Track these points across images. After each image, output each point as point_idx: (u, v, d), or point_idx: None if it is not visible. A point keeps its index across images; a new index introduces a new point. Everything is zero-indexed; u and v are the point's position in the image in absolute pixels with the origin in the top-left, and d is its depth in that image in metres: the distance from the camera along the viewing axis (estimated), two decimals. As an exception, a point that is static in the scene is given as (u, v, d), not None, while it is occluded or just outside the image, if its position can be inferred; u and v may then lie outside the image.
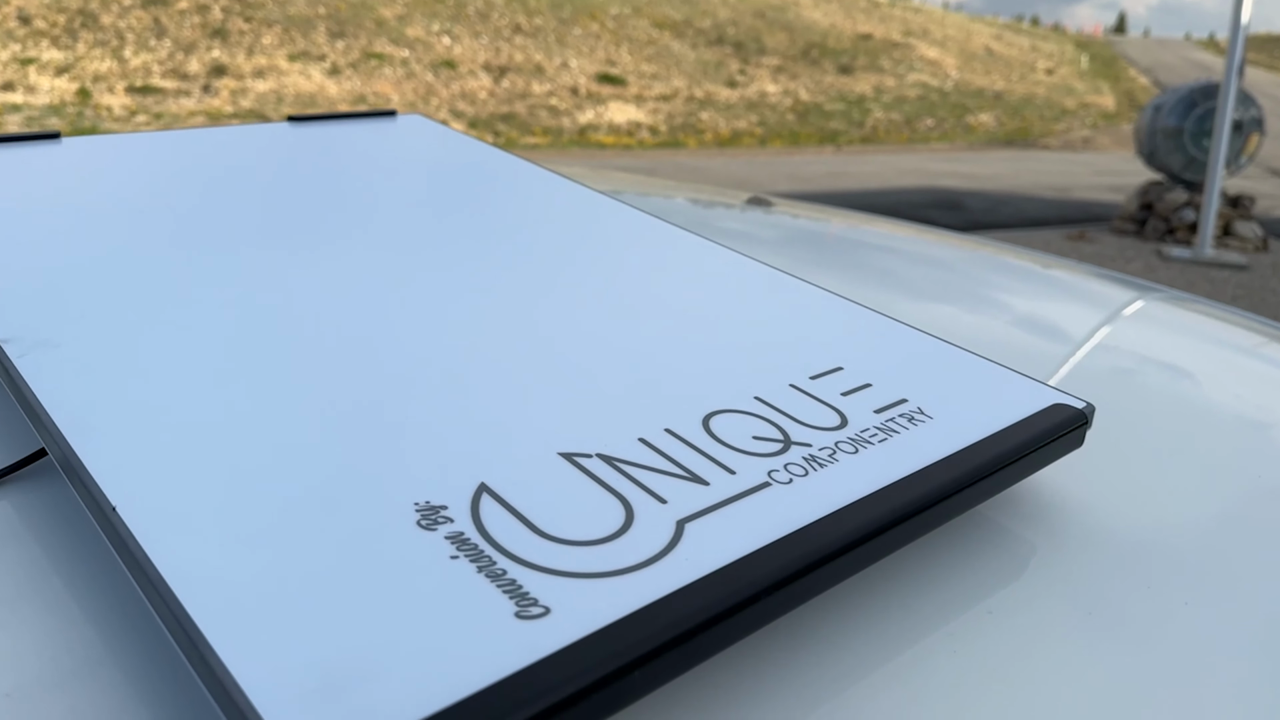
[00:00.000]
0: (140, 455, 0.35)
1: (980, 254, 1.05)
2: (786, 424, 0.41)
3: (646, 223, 0.62)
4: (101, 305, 0.45)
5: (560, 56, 21.25)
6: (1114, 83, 35.87)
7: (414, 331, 0.45)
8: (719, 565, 0.32)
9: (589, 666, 0.27)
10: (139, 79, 16.37)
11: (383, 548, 0.31)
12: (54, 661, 0.31)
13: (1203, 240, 8.50)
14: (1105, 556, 0.43)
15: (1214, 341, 0.83)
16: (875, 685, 0.34)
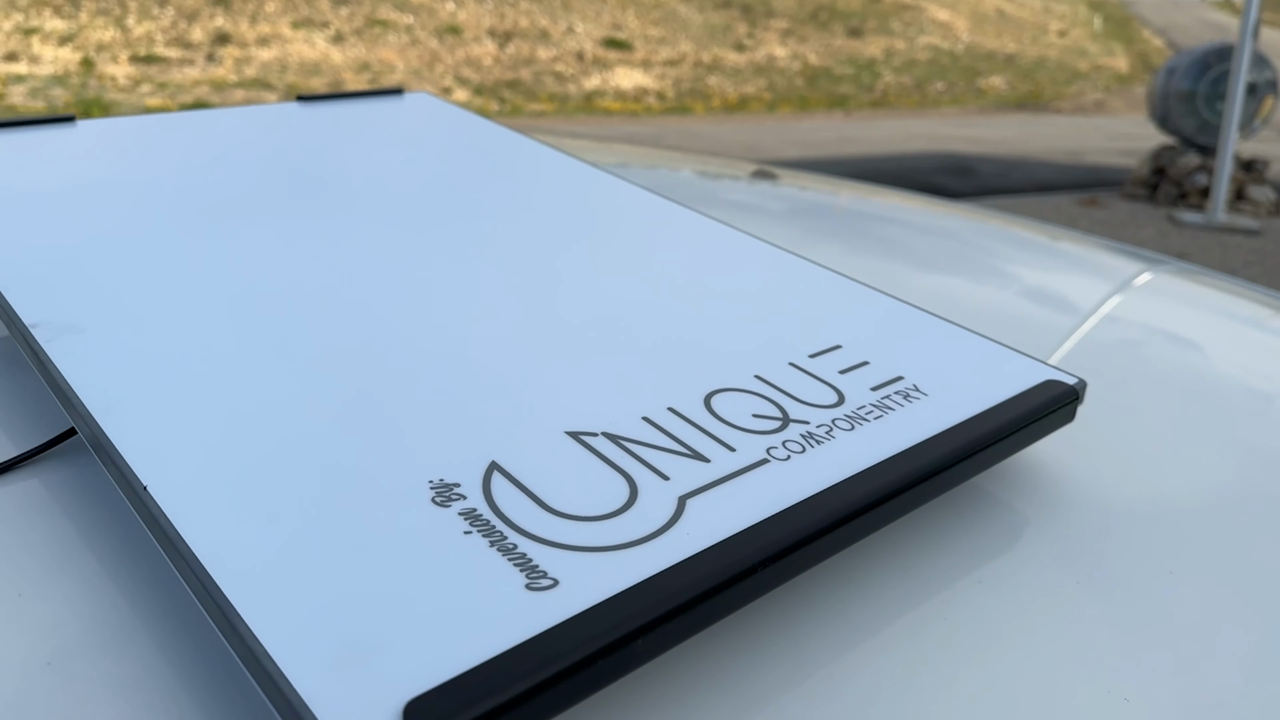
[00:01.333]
0: (167, 435, 0.36)
1: (986, 226, 1.06)
2: (785, 402, 0.43)
3: (651, 201, 0.64)
4: (126, 289, 0.46)
5: (566, 21, 21.02)
6: (1127, 44, 35.35)
7: (425, 313, 0.47)
8: (718, 539, 0.34)
9: (596, 635, 0.29)
10: (142, 48, 16.27)
11: (400, 524, 0.33)
12: (90, 631, 0.33)
13: (1215, 205, 8.44)
14: (1096, 527, 0.45)
15: (1216, 313, 0.84)
16: (871, 652, 0.36)
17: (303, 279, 0.49)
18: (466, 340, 0.44)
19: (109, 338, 0.42)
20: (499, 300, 0.49)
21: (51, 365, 0.40)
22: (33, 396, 0.48)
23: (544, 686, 0.27)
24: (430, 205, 0.61)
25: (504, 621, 0.29)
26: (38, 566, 0.37)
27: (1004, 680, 0.35)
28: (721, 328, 0.49)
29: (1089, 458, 0.50)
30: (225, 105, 6.28)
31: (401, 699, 0.26)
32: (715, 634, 0.36)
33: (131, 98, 14.20)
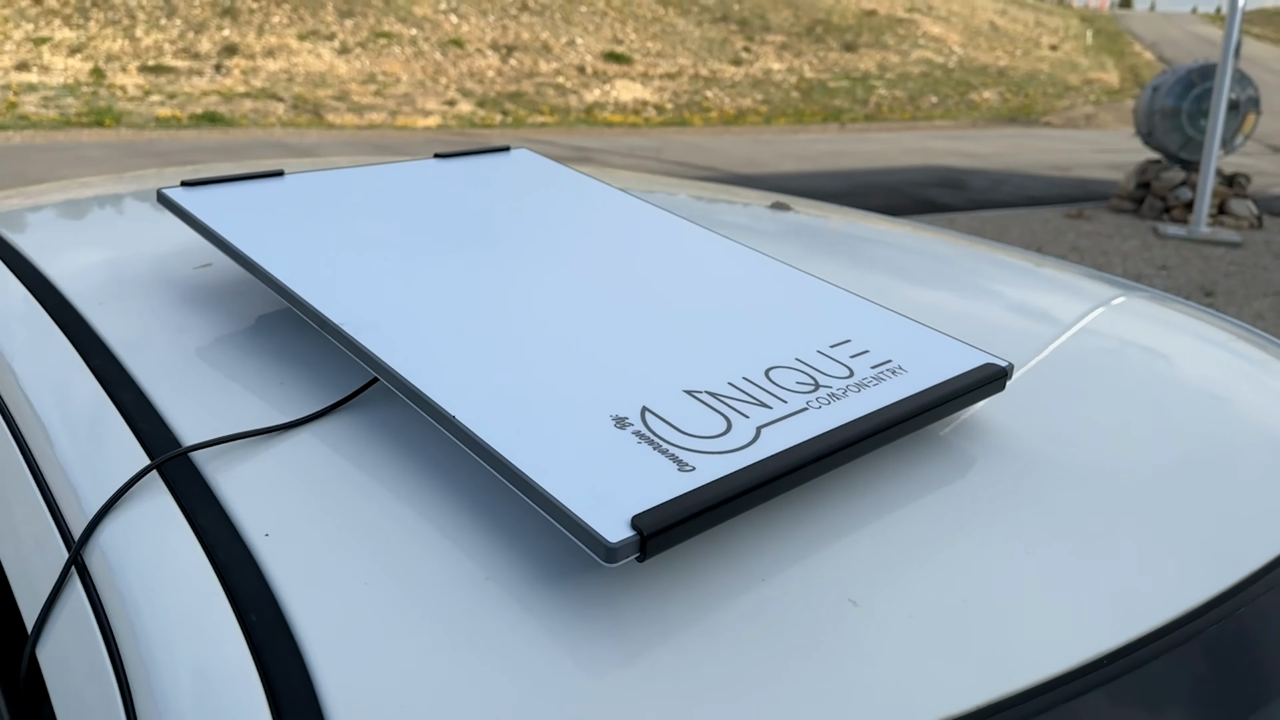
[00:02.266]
0: (449, 382, 0.60)
1: (972, 250, 1.29)
2: (816, 374, 0.66)
3: (709, 237, 0.88)
4: (385, 297, 0.70)
5: (567, 35, 21.31)
6: (1119, 58, 35.77)
7: (594, 318, 0.71)
8: (778, 450, 0.57)
9: (718, 495, 0.52)
10: (151, 58, 16.49)
11: (599, 437, 0.57)
12: (426, 525, 0.57)
13: (1198, 218, 8.71)
14: (1016, 459, 0.69)
15: (1173, 330, 1.04)
16: (867, 528, 0.59)
17: (496, 290, 0.73)
18: (623, 337, 0.68)
19: (391, 327, 0.65)
20: (631, 310, 0.72)
21: (361, 346, 0.63)
22: (312, 370, 0.71)
23: (688, 516, 0.50)
24: (555, 238, 0.84)
25: (668, 484, 0.53)
26: (365, 477, 0.60)
27: (943, 544, 0.59)
28: (770, 327, 0.72)
29: (1017, 420, 0.74)
30: (234, 114, 6.63)
31: (629, 514, 0.50)
32: (767, 513, 0.59)
33: (142, 107, 14.36)
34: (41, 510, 0.61)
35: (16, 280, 0.89)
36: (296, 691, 0.46)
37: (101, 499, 0.58)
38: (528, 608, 0.51)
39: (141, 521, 0.56)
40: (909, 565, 0.57)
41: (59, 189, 1.38)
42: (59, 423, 0.68)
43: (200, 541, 0.54)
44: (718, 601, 0.53)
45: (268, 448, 0.62)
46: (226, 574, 0.52)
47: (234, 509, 0.56)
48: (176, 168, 1.55)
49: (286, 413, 0.66)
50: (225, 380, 0.71)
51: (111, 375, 0.70)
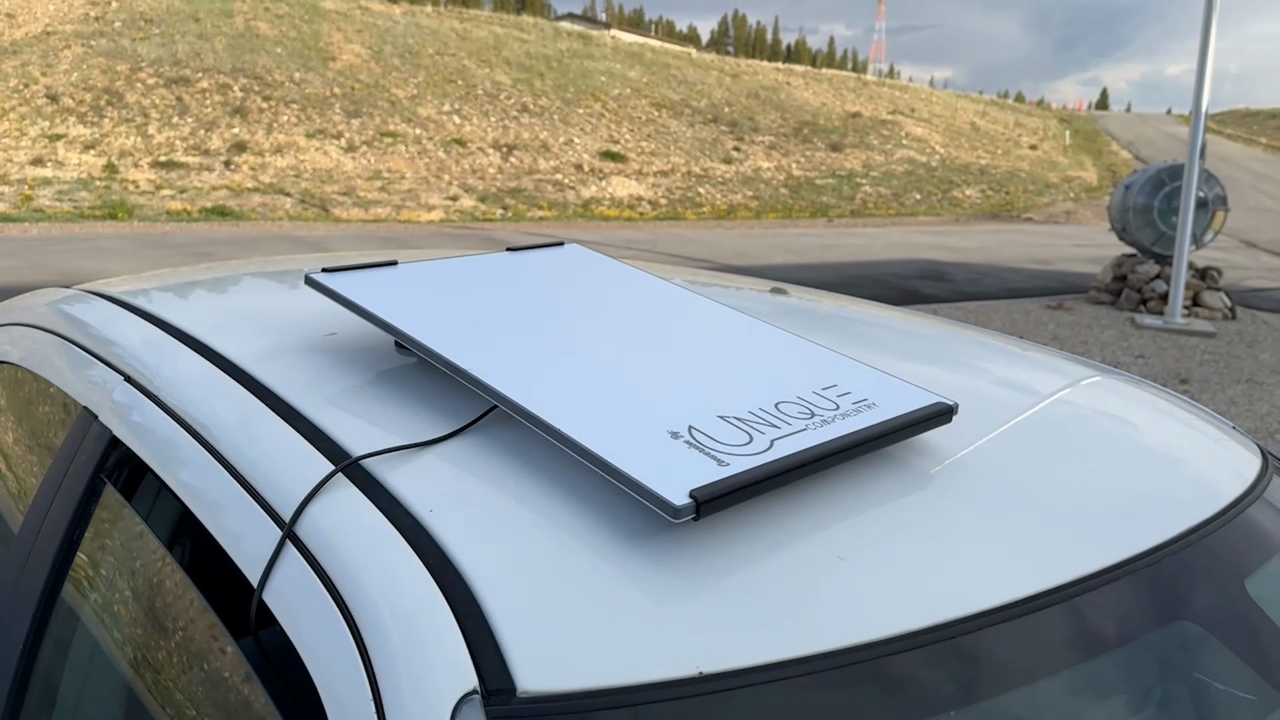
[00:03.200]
0: (550, 407, 0.84)
1: (955, 331, 1.55)
2: (812, 406, 0.91)
3: (730, 314, 1.13)
4: (495, 351, 0.95)
5: (565, 135, 22.20)
6: (1097, 157, 37.18)
7: (649, 368, 0.95)
8: (786, 454, 0.81)
9: (745, 481, 0.76)
10: (163, 154, 17.11)
11: (663, 443, 0.81)
12: (542, 501, 0.80)
13: (1173, 310, 9.09)
14: (957, 471, 0.93)
15: (1136, 404, 1.29)
16: (850, 510, 0.83)
17: (575, 347, 0.97)
18: (668, 379, 0.93)
19: (502, 372, 0.89)
20: (675, 362, 0.97)
21: (486, 383, 0.87)
22: (433, 404, 0.95)
23: (728, 492, 0.74)
24: (612, 310, 1.10)
25: (711, 472, 0.76)
26: (493, 473, 0.83)
27: (908, 535, 0.82)
28: (778, 374, 0.97)
29: (959, 445, 0.98)
30: (242, 208, 7.14)
31: (687, 489, 0.73)
32: (779, 499, 0.82)
33: (153, 201, 14.83)
34: (248, 504, 0.84)
35: (179, 343, 1.13)
36: (469, 607, 0.68)
37: (298, 495, 0.81)
38: (619, 552, 0.74)
39: (338, 505, 0.80)
40: (878, 535, 0.80)
41: (188, 273, 1.64)
42: (249, 445, 0.91)
43: (384, 515, 0.77)
44: (748, 553, 0.76)
45: (417, 457, 0.86)
46: (407, 535, 0.75)
47: (402, 495, 0.80)
48: (286, 256, 1.81)
49: (424, 433, 0.89)
50: (369, 412, 0.94)
51: (285, 410, 0.94)
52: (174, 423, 0.99)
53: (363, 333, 1.15)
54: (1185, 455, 1.13)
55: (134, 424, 1.06)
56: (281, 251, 10.51)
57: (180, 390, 1.04)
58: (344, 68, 22.16)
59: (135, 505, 1.04)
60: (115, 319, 1.30)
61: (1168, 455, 1.11)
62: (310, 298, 1.33)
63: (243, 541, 0.83)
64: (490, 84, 23.82)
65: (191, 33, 22.07)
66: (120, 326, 1.27)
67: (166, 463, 0.97)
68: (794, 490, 0.83)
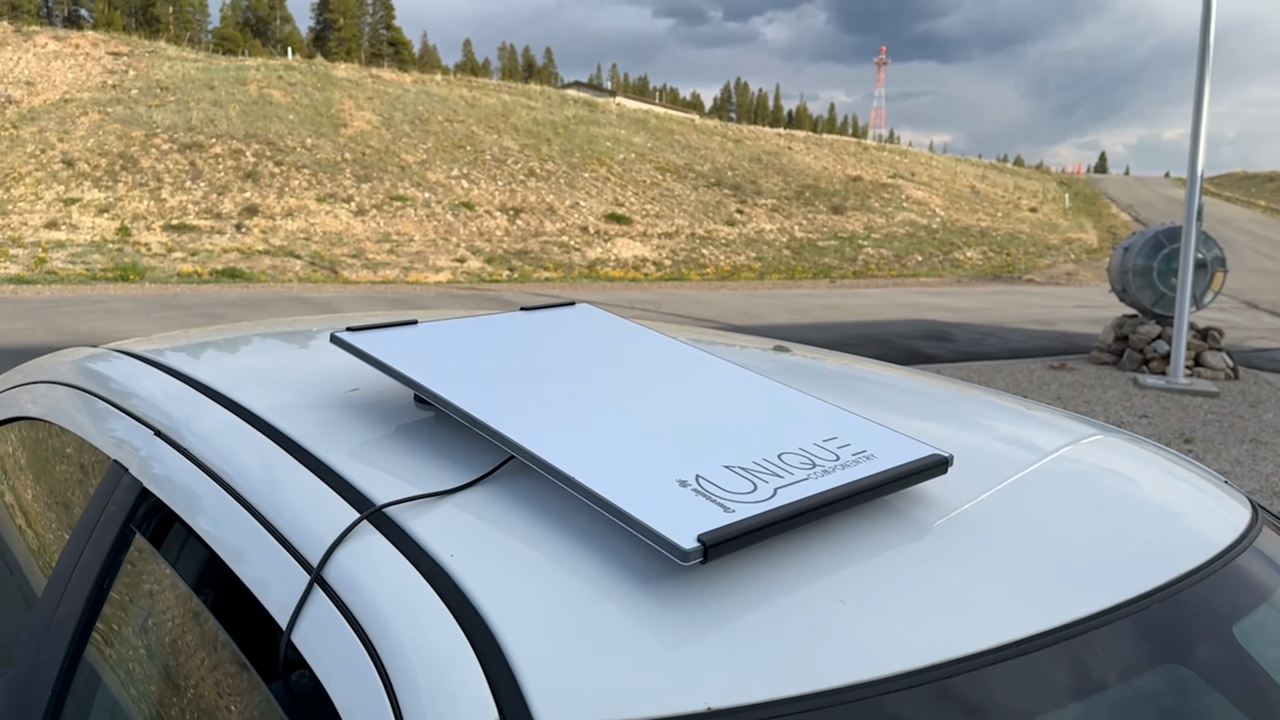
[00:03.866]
0: (564, 457, 0.89)
1: (958, 390, 1.59)
2: (813, 457, 0.95)
3: (738, 370, 1.18)
4: (512, 404, 1.00)
5: (571, 198, 22.57)
6: (1096, 219, 37.59)
7: (658, 420, 1.00)
8: (789, 501, 0.86)
9: (750, 527, 0.80)
10: (175, 218, 17.41)
11: (670, 492, 0.85)
12: (556, 546, 0.84)
13: (1175, 370, 9.14)
14: (955, 522, 0.97)
15: (1136, 462, 1.34)
16: (849, 556, 0.87)
17: (588, 401, 1.02)
18: (676, 431, 0.97)
19: (519, 424, 0.94)
20: (683, 414, 1.02)
21: (504, 435, 0.92)
22: (450, 455, 0.99)
23: (735, 536, 0.78)
24: (622, 367, 1.15)
25: (717, 519, 0.80)
26: (510, 520, 0.87)
27: (906, 582, 0.86)
28: (781, 427, 1.01)
29: (953, 495, 1.02)
30: (253, 270, 7.30)
31: (695, 533, 0.77)
32: (780, 546, 0.86)
33: (165, 263, 15.05)
34: (276, 549, 0.88)
35: (205, 397, 1.18)
36: (490, 648, 0.72)
37: (325, 541, 0.85)
38: (631, 594, 0.78)
39: (364, 550, 0.84)
40: (877, 580, 0.84)
41: (207, 333, 1.70)
42: (276, 494, 0.96)
43: (408, 560, 0.81)
44: (754, 596, 0.79)
45: (438, 505, 0.90)
46: (430, 579, 0.79)
47: (424, 541, 0.84)
48: (298, 317, 1.87)
49: (444, 483, 0.94)
50: (391, 463, 0.99)
51: (310, 460, 0.99)
52: (202, 473, 1.03)
53: (383, 388, 1.20)
54: (1178, 507, 1.16)
55: (163, 475, 1.11)
56: (290, 312, 10.66)
57: (209, 442, 1.08)
58: (355, 134, 22.65)
59: (165, 553, 1.08)
60: (141, 374, 1.36)
61: (1161, 507, 1.15)
62: (327, 355, 1.39)
63: (271, 586, 0.87)
64: (498, 149, 24.30)
65: (206, 100, 22.62)
66: (146, 382, 1.32)
67: (196, 512, 1.02)
68: (796, 536, 0.87)
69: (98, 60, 24.42)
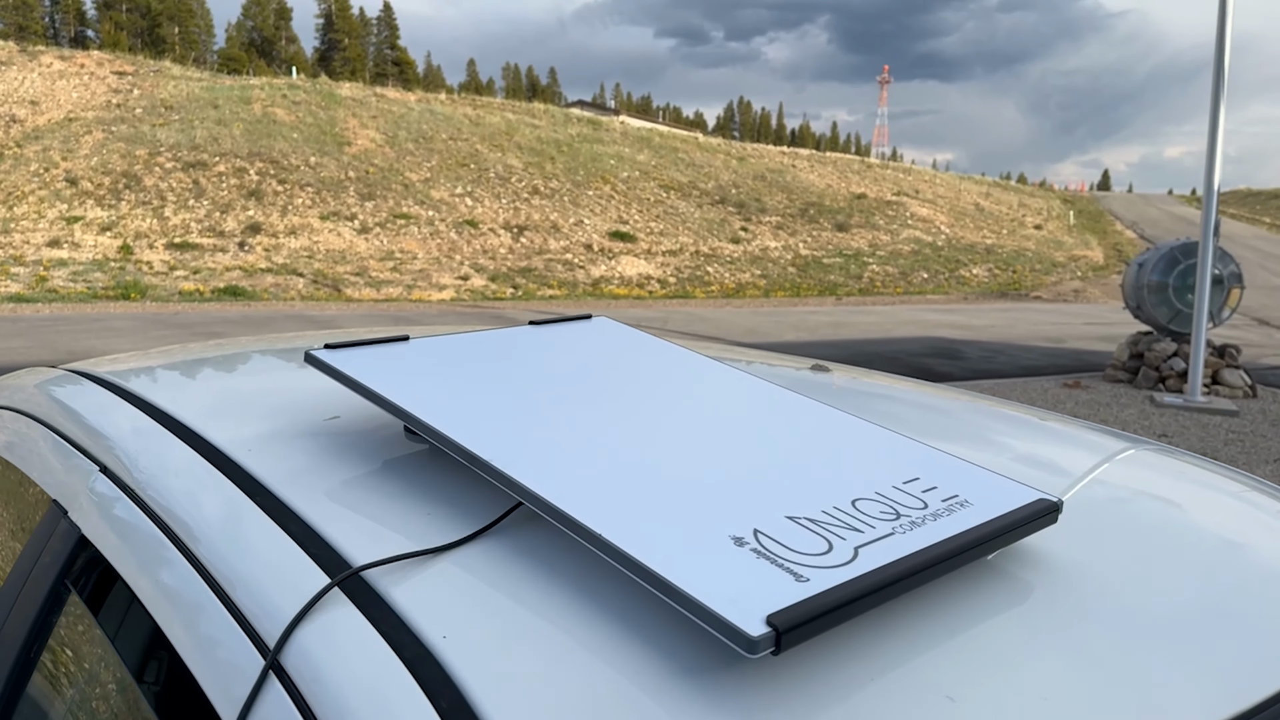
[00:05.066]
0: (586, 506, 0.70)
1: (995, 409, 1.41)
2: (896, 505, 0.77)
3: (787, 396, 1.00)
4: (519, 438, 0.81)
5: (575, 215, 22.44)
6: (1101, 236, 37.41)
7: (696, 457, 0.82)
8: (877, 566, 0.67)
9: (832, 602, 0.62)
10: (178, 236, 17.29)
11: (727, 553, 0.67)
12: (580, 627, 0.66)
13: (1193, 388, 8.92)
14: (1062, 579, 0.78)
15: (1180, 480, 1.16)
16: (943, 639, 0.68)
17: (612, 432, 0.84)
18: (721, 472, 0.79)
19: (529, 464, 0.76)
20: (726, 449, 0.84)
21: (511, 478, 0.74)
22: (449, 502, 0.81)
23: (815, 616, 0.60)
24: (651, 390, 0.97)
25: (789, 591, 0.62)
26: (520, 587, 0.69)
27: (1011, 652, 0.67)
28: (847, 465, 0.83)
29: (1064, 548, 0.83)
30: (255, 288, 7.19)
31: (763, 614, 0.59)
32: (872, 619, 0.67)
33: (167, 281, 14.92)
34: (228, 624, 0.70)
35: (164, 429, 1.00)
36: None
37: (287, 614, 0.67)
38: (675, 693, 0.59)
39: (333, 628, 0.66)
40: (990, 665, 0.65)
41: (185, 351, 1.52)
42: (234, 552, 0.78)
43: (389, 643, 0.63)
44: (834, 693, 0.61)
45: (429, 566, 0.72)
46: (415, 668, 0.61)
47: (410, 616, 0.66)
48: (293, 333, 1.70)
49: (435, 538, 0.75)
50: (372, 510, 0.81)
51: (276, 509, 0.80)
52: (150, 521, 0.86)
53: (368, 416, 1.02)
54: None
55: (105, 522, 0.93)
56: (291, 330, 10.42)
57: (161, 483, 0.91)
58: (359, 152, 22.58)
59: (102, 620, 0.90)
60: (96, 402, 1.18)
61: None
62: (316, 377, 1.21)
63: (219, 673, 0.69)
64: (502, 167, 24.21)
65: (210, 119, 22.57)
66: (100, 410, 1.15)
67: (138, 570, 0.84)
68: (881, 609, 0.69)
69: (102, 80, 24.43)
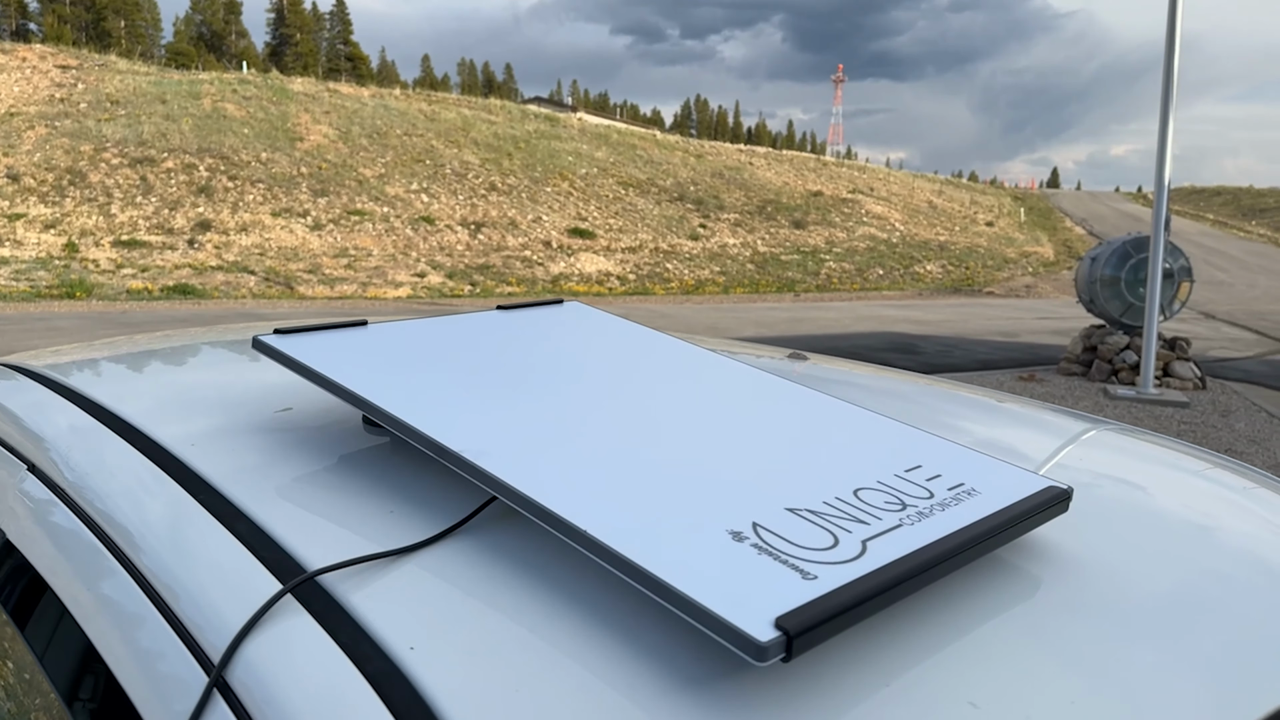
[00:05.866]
0: (568, 500, 0.64)
1: (955, 392, 1.37)
2: (900, 495, 0.71)
3: (775, 382, 0.94)
4: (492, 428, 0.75)
5: (533, 212, 22.23)
6: (1051, 233, 38.02)
7: (684, 446, 0.76)
8: (889, 560, 0.61)
9: (845, 602, 0.56)
10: (125, 233, 16.80)
11: (725, 550, 0.60)
12: (562, 635, 0.59)
13: (1145, 380, 9.07)
14: (1071, 572, 0.73)
15: (1146, 460, 1.14)
16: (955, 638, 0.63)
17: (590, 421, 0.78)
18: (711, 461, 0.73)
19: (504, 454, 0.69)
20: (715, 438, 0.77)
21: (484, 470, 0.67)
22: (413, 498, 0.74)
23: (828, 618, 0.54)
24: (629, 376, 0.90)
25: (798, 591, 0.56)
26: (495, 591, 0.62)
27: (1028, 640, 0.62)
28: (845, 453, 0.78)
29: (1065, 544, 0.79)
30: (205, 286, 7.00)
31: (770, 617, 0.53)
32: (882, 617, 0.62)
33: (114, 280, 14.47)
34: (169, 638, 0.62)
35: (103, 426, 0.92)
36: None
37: (234, 625, 0.60)
38: (674, 707, 0.53)
39: (284, 640, 0.58)
40: (1013, 667, 0.60)
41: (129, 343, 1.43)
42: (176, 557, 0.70)
43: (349, 656, 0.56)
44: (847, 701, 0.55)
45: (393, 569, 0.65)
46: (378, 683, 0.54)
47: (372, 625, 0.59)
48: (243, 324, 1.61)
49: (400, 538, 0.68)
50: (329, 508, 0.74)
51: (222, 510, 0.73)
52: (83, 525, 0.78)
53: (324, 407, 0.94)
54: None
55: (34, 526, 0.84)
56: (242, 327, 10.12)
57: (97, 484, 0.82)
58: (312, 148, 22.17)
59: (29, 636, 0.81)
60: (30, 398, 1.09)
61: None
62: (266, 370, 1.13)
63: (159, 692, 0.62)
64: (458, 163, 23.93)
65: (158, 114, 22.00)
66: (34, 406, 1.06)
67: (69, 578, 0.76)
68: (893, 608, 0.63)
69: (45, 74, 23.71)
